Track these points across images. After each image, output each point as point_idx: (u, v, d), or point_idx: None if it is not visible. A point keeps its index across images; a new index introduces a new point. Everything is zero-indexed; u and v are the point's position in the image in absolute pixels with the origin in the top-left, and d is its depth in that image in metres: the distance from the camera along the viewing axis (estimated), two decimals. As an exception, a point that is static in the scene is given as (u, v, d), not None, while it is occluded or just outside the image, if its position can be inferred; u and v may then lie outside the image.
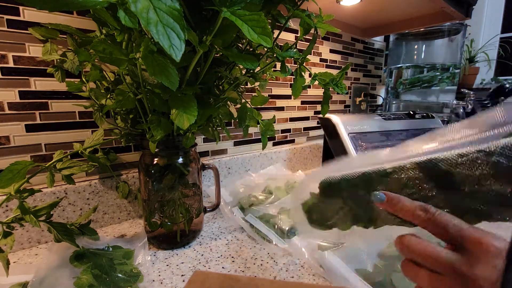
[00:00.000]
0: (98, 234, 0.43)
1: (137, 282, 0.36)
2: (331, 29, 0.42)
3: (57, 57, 0.44)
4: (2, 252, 0.32)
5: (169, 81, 0.29)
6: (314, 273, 0.39)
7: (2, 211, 0.43)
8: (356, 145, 0.69)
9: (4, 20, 0.42)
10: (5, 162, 0.44)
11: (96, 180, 0.51)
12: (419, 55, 1.02)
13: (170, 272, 0.39)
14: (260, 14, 0.27)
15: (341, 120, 0.72)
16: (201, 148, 0.67)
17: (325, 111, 0.45)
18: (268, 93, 0.78)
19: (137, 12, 0.21)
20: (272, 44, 0.29)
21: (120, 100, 0.35)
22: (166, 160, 0.44)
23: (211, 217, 0.57)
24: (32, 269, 0.36)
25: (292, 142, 0.88)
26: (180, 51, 0.22)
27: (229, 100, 0.45)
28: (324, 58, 0.93)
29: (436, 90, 1.02)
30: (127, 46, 0.32)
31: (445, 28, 0.96)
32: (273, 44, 0.38)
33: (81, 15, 0.48)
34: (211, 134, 0.50)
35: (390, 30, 0.98)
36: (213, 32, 0.30)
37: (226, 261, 0.42)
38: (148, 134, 0.39)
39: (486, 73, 1.74)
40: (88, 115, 0.50)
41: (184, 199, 0.45)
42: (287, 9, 0.39)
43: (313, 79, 0.44)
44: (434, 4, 0.76)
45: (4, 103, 0.43)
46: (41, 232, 0.46)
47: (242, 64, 0.33)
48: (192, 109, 0.32)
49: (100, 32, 0.40)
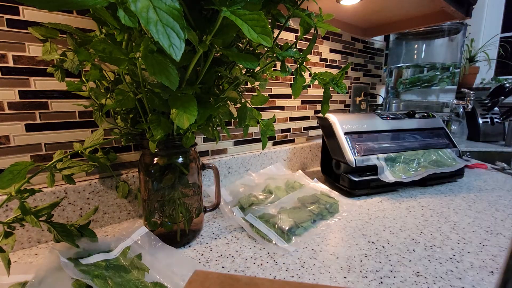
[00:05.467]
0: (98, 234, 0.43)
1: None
2: (331, 28, 0.42)
3: (57, 57, 0.44)
4: (3, 252, 0.32)
5: (169, 80, 0.29)
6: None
7: (2, 211, 0.43)
8: (352, 145, 0.69)
9: (4, 19, 0.41)
10: (5, 162, 0.44)
11: (96, 180, 0.51)
12: (419, 55, 1.02)
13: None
14: (260, 14, 0.27)
15: (338, 119, 0.72)
16: (201, 147, 0.67)
17: (325, 110, 0.45)
18: (268, 93, 0.78)
19: (137, 11, 0.20)
20: (272, 43, 0.29)
21: (120, 99, 0.35)
22: (166, 159, 0.44)
23: (211, 217, 0.57)
24: (32, 269, 0.37)
25: (292, 142, 0.88)
26: (180, 50, 0.22)
27: (229, 100, 0.45)
28: (324, 58, 0.93)
29: (436, 90, 1.02)
30: (127, 46, 0.32)
31: (445, 27, 0.96)
32: (273, 43, 0.38)
33: (81, 14, 0.47)
34: (211, 134, 0.50)
35: (390, 29, 0.98)
36: (213, 31, 0.30)
37: (226, 260, 0.42)
38: (148, 133, 0.39)
39: (486, 73, 1.74)
40: (88, 114, 0.50)
41: (184, 198, 0.45)
42: (287, 9, 0.39)
43: (313, 78, 0.44)
44: (434, 4, 0.76)
45: (4, 103, 0.43)
46: (41, 232, 0.46)
47: (242, 63, 0.33)
48: (192, 109, 0.32)
49: (100, 31, 0.40)
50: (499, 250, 0.44)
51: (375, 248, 0.45)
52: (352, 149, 0.68)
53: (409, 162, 0.71)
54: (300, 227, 0.50)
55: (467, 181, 0.79)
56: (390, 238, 0.48)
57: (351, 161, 0.66)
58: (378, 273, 0.39)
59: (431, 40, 1.00)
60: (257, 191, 0.63)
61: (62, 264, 0.34)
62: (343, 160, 0.68)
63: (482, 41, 1.73)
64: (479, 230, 0.51)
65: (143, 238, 0.44)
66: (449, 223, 0.54)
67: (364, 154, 0.68)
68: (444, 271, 0.39)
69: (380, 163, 0.67)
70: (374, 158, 0.68)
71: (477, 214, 0.57)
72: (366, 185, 0.67)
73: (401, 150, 0.73)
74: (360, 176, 0.67)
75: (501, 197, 0.67)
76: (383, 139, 0.74)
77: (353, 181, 0.66)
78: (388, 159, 0.69)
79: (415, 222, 0.54)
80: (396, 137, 0.76)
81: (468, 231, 0.50)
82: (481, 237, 0.48)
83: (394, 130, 0.77)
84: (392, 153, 0.71)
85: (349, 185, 0.67)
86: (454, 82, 1.00)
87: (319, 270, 0.40)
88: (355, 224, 0.53)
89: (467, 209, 0.60)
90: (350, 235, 0.49)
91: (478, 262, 0.41)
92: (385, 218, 0.56)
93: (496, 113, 1.38)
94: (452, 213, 0.58)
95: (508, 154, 1.21)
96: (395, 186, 0.72)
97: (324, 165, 0.80)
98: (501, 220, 0.54)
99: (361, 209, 0.61)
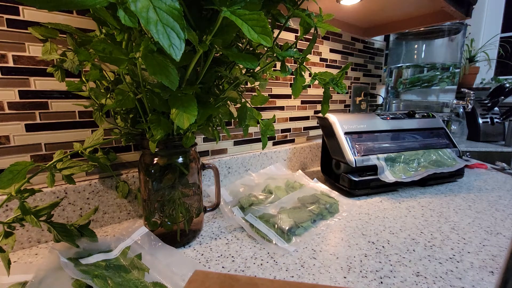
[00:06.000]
0: (98, 234, 0.43)
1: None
2: (331, 28, 0.42)
3: (57, 57, 0.44)
4: (3, 252, 0.32)
5: (169, 80, 0.29)
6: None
7: (2, 211, 0.43)
8: (352, 145, 0.69)
9: (3, 19, 0.41)
10: (5, 162, 0.44)
11: (96, 180, 0.51)
12: (419, 55, 1.02)
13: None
14: (260, 14, 0.27)
15: (338, 119, 0.72)
16: (201, 147, 0.67)
17: (325, 110, 0.45)
18: (268, 93, 0.78)
19: (136, 11, 0.20)
20: (272, 43, 0.29)
21: (120, 99, 0.35)
22: (166, 159, 0.44)
23: (211, 217, 0.57)
24: (32, 269, 0.37)
25: (292, 142, 0.88)
26: (180, 50, 0.22)
27: (229, 100, 0.45)
28: (324, 58, 0.93)
29: (436, 90, 1.02)
30: (127, 46, 0.32)
31: (445, 27, 0.96)
32: (273, 43, 0.38)
33: (81, 14, 0.47)
34: (211, 134, 0.50)
35: (390, 29, 0.98)
36: (213, 31, 0.30)
37: (226, 260, 0.42)
38: (148, 133, 0.39)
39: (486, 73, 1.74)
40: (88, 114, 0.50)
41: (184, 198, 0.45)
42: (287, 9, 0.39)
43: (313, 78, 0.44)
44: (434, 4, 0.76)
45: (4, 103, 0.43)
46: (41, 232, 0.46)
47: (242, 63, 0.33)
48: (192, 109, 0.32)
49: (100, 31, 0.40)
50: (499, 250, 0.44)
51: (375, 248, 0.45)
52: (352, 149, 0.68)
53: (409, 162, 0.71)
54: (300, 227, 0.50)
55: (467, 181, 0.79)
56: (390, 238, 0.48)
57: (351, 161, 0.66)
58: (378, 273, 0.39)
59: (431, 40, 1.00)
60: (257, 191, 0.63)
61: (62, 264, 0.34)
62: (343, 160, 0.68)
63: (482, 41, 1.73)
64: (479, 230, 0.51)
65: (143, 238, 0.44)
66: (449, 223, 0.54)
67: (364, 154, 0.68)
68: (444, 271, 0.39)
69: (380, 163, 0.67)
70: (374, 158, 0.68)
71: (477, 214, 0.57)
72: (366, 185, 0.67)
73: (401, 150, 0.73)
74: (360, 176, 0.67)
75: (501, 197, 0.67)
76: (383, 139, 0.74)
77: (353, 181, 0.66)
78: (388, 159, 0.69)
79: (415, 222, 0.54)
80: (396, 137, 0.76)
81: (468, 231, 0.50)
82: (481, 237, 0.48)
83: (394, 130, 0.77)
84: (392, 153, 0.71)
85: (349, 185, 0.67)
86: (454, 82, 1.00)
87: (319, 270, 0.40)
88: (355, 224, 0.53)
89: (467, 209, 0.60)
90: (350, 235, 0.49)
91: (478, 262, 0.41)
92: (385, 218, 0.56)
93: (496, 113, 1.38)
94: (452, 213, 0.58)
95: (508, 154, 1.21)
96: (395, 186, 0.72)
97: (324, 165, 0.80)
98: (501, 220, 0.54)
99: (361, 209, 0.61)
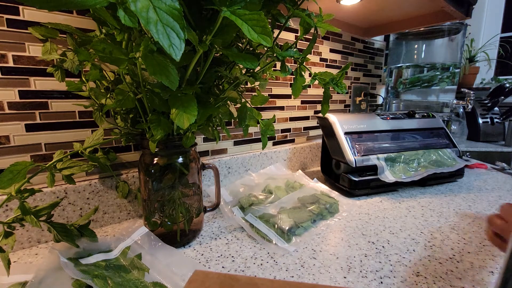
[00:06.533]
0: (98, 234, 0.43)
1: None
2: (331, 28, 0.42)
3: (57, 57, 0.44)
4: (3, 252, 0.32)
5: (169, 80, 0.29)
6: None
7: (2, 211, 0.43)
8: (352, 145, 0.69)
9: (4, 19, 0.41)
10: (5, 161, 0.44)
11: (96, 180, 0.51)
12: (419, 55, 1.02)
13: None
14: (260, 14, 0.27)
15: (338, 119, 0.72)
16: (201, 147, 0.67)
17: (325, 110, 0.45)
18: (268, 93, 0.78)
19: (136, 11, 0.20)
20: (272, 43, 0.29)
21: (120, 99, 0.35)
22: (166, 159, 0.44)
23: (211, 217, 0.57)
24: (32, 269, 0.36)
25: (292, 142, 0.88)
26: (180, 50, 0.22)
27: (229, 100, 0.45)
28: (324, 58, 0.93)
29: (436, 90, 1.02)
30: (127, 46, 0.32)
31: (445, 27, 0.96)
32: (273, 43, 0.38)
33: (81, 14, 0.47)
34: (211, 134, 0.50)
35: (390, 29, 0.98)
36: (213, 31, 0.30)
37: (226, 260, 0.42)
38: (148, 133, 0.39)
39: (486, 73, 1.74)
40: (88, 114, 0.50)
41: (184, 198, 0.45)
42: (287, 9, 0.39)
43: (313, 78, 0.44)
44: (434, 4, 0.76)
45: (4, 103, 0.43)
46: (41, 232, 0.46)
47: (242, 63, 0.33)
48: (192, 109, 0.32)
49: (100, 31, 0.40)
50: (499, 250, 0.44)
51: (375, 248, 0.45)
52: (352, 149, 0.68)
53: (409, 162, 0.71)
54: (300, 227, 0.50)
55: (467, 181, 0.79)
56: (390, 238, 0.48)
57: (351, 161, 0.66)
58: (378, 273, 0.39)
59: (431, 40, 1.00)
60: (257, 191, 0.63)
61: (62, 264, 0.34)
62: (343, 160, 0.68)
63: (482, 41, 1.73)
64: (479, 230, 0.51)
65: (143, 238, 0.44)
66: (449, 223, 0.54)
67: (364, 154, 0.68)
68: (444, 271, 0.39)
69: (380, 163, 0.67)
70: (374, 158, 0.68)
71: (477, 214, 0.57)
72: (366, 185, 0.67)
73: (401, 150, 0.73)
74: (360, 176, 0.67)
75: (501, 197, 0.67)
76: (383, 139, 0.74)
77: (353, 181, 0.66)
78: (388, 159, 0.69)
79: (415, 222, 0.54)
80: (396, 137, 0.76)
81: (468, 231, 0.50)
82: (481, 237, 0.48)
83: (394, 130, 0.77)
84: (392, 153, 0.71)
85: (349, 185, 0.67)
86: (454, 82, 1.00)
87: (319, 270, 0.40)
88: (355, 224, 0.53)
89: (467, 209, 0.60)
90: (350, 235, 0.49)
91: (478, 262, 0.41)
92: (385, 218, 0.56)
93: (496, 113, 1.38)
94: (452, 213, 0.58)
95: (508, 154, 1.21)
96: (395, 186, 0.72)
97: (324, 165, 0.80)
98: (501, 220, 0.54)
99: (361, 209, 0.61)
